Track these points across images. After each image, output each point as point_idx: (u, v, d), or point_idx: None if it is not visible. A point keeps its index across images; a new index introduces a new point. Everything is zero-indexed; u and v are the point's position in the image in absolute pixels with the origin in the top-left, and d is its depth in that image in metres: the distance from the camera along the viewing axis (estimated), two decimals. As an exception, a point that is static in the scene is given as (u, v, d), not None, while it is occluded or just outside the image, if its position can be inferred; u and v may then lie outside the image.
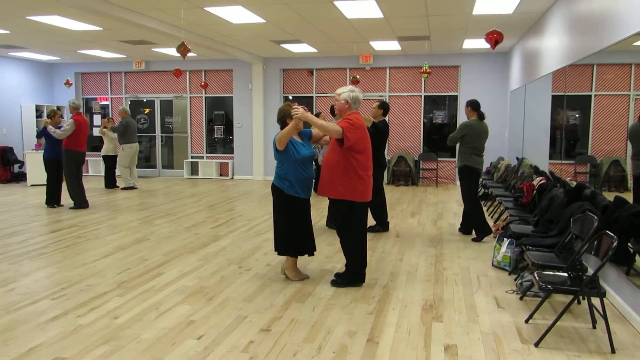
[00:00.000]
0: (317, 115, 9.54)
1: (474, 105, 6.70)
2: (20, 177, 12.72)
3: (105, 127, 11.41)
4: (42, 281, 4.81)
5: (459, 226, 7.04)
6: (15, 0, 7.12)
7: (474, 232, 6.65)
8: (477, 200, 6.61)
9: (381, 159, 6.63)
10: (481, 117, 6.73)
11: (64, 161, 8.58)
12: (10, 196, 10.31)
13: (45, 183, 8.98)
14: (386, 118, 6.98)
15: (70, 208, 8.68)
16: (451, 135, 6.72)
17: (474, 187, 6.58)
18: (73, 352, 3.31)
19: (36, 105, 13.54)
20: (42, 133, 8.89)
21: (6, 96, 12.99)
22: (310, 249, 4.81)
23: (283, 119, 4.62)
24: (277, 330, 3.67)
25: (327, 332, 3.65)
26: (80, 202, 8.71)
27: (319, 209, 8.45)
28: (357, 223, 4.63)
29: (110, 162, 11.53)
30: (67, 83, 13.01)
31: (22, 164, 12.89)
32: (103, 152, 11.55)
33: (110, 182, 11.52)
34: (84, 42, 10.63)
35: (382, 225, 7.00)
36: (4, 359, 3.22)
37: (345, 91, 4.60)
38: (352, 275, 4.68)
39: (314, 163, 4.94)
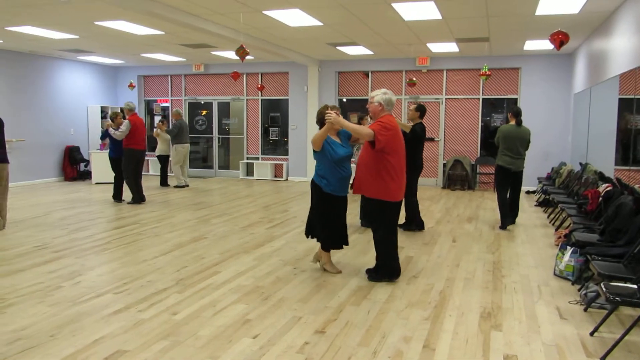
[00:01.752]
0: (361, 118, 9.61)
1: (513, 112, 7.57)
2: (86, 175, 13.32)
3: (159, 130, 11.80)
4: (105, 275, 5.01)
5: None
6: (85, 7, 7.46)
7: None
8: (502, 194, 7.49)
9: (417, 161, 6.88)
10: (519, 123, 7.47)
11: (124, 159, 9.17)
12: (76, 193, 10.81)
13: (113, 181, 9.61)
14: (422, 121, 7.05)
15: (128, 203, 9.25)
16: (495, 137, 7.63)
17: (501, 182, 7.48)
18: (134, 345, 3.42)
19: (101, 107, 14.15)
20: (105, 135, 9.74)
21: (74, 98, 13.64)
22: (339, 243, 5.07)
23: (321, 120, 4.86)
24: (332, 333, 3.66)
25: (382, 336, 3.61)
26: (137, 197, 9.28)
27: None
28: (388, 221, 4.79)
29: (164, 161, 11.96)
30: (131, 85, 13.52)
31: (87, 162, 13.51)
32: (157, 152, 11.96)
33: (164, 180, 11.98)
34: (147, 45, 11.03)
35: (416, 224, 7.11)
36: (71, 348, 3.37)
37: (379, 94, 4.73)
38: (385, 268, 4.85)
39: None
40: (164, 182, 11.99)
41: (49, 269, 5.20)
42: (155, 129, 12.04)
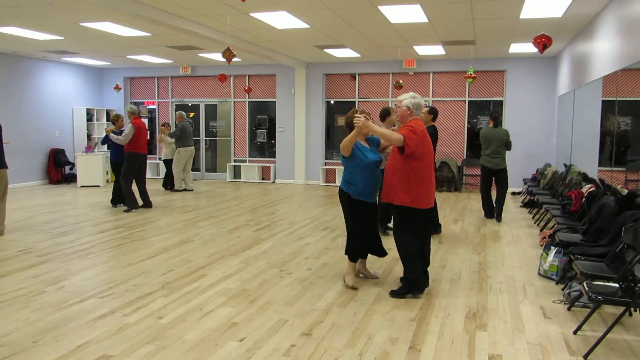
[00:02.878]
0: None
1: (492, 116, 8.37)
2: (71, 178, 13.21)
3: (162, 134, 11.71)
4: (90, 280, 4.97)
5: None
6: (70, 8, 7.40)
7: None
8: (483, 189, 8.44)
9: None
10: (496, 125, 8.28)
11: (127, 163, 8.87)
12: (62, 197, 10.71)
13: (113, 185, 9.37)
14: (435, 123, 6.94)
15: (124, 211, 8.88)
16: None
17: (483, 179, 8.35)
18: (119, 350, 3.40)
19: (87, 109, 14.03)
20: (105, 140, 9.43)
21: (59, 100, 13.51)
22: (371, 252, 4.95)
23: (350, 125, 4.66)
24: (319, 335, 3.67)
25: (368, 337, 3.63)
26: (132, 204, 8.94)
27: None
28: (415, 230, 4.53)
29: (169, 165, 11.83)
30: (117, 87, 13.43)
31: (72, 165, 13.39)
32: (163, 156, 11.90)
33: (170, 184, 11.79)
34: (133, 47, 10.97)
35: (434, 227, 7.02)
36: (55, 354, 3.34)
37: (407, 97, 4.56)
38: (410, 282, 4.55)
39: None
40: (169, 186, 11.79)
41: (33, 274, 5.14)
42: (158, 134, 11.94)
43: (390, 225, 7.06)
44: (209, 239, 6.76)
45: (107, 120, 14.78)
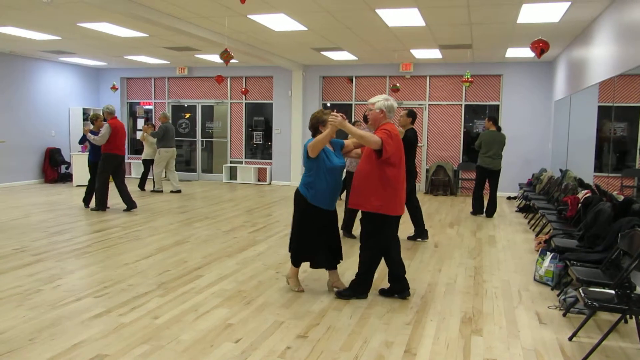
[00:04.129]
0: (354, 124, 9.35)
1: (493, 120, 9.01)
2: (67, 178, 13.16)
3: (145, 133, 11.65)
4: (86, 279, 4.96)
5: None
6: (67, 8, 7.39)
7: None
8: (479, 190, 9.08)
9: (412, 168, 6.77)
10: (498, 129, 8.92)
11: (102, 163, 8.67)
12: (57, 196, 10.66)
13: (87, 184, 9.23)
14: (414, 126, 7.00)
15: (92, 209, 8.81)
16: (476, 142, 9.04)
17: (481, 180, 9.02)
18: (114, 349, 3.39)
19: (83, 109, 13.99)
20: (83, 139, 9.25)
21: (56, 100, 13.47)
22: (319, 262, 4.68)
23: (315, 125, 4.48)
24: (314, 337, 3.67)
25: (364, 341, 3.63)
26: (102, 205, 8.78)
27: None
28: (385, 237, 4.45)
29: (148, 165, 11.80)
30: (113, 88, 13.40)
31: (68, 165, 13.34)
32: (143, 156, 11.83)
33: (142, 184, 11.72)
34: (130, 48, 10.95)
35: (422, 233, 6.99)
36: (50, 353, 3.33)
37: (380, 100, 4.43)
38: (363, 285, 4.52)
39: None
40: (142, 186, 11.74)
41: (28, 272, 5.12)
42: (140, 132, 11.88)
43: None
44: (205, 240, 6.75)
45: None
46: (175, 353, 3.37)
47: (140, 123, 14.83)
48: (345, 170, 6.91)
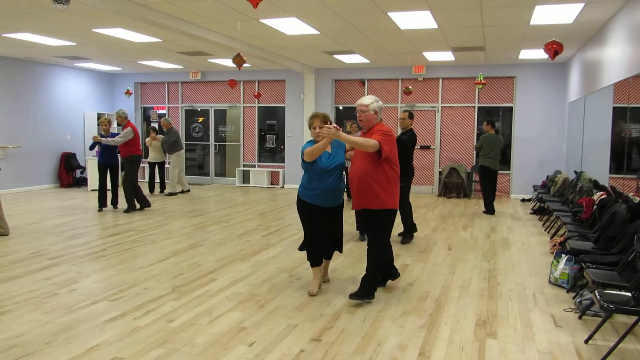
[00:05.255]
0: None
1: (492, 123, 9.68)
2: (82, 182, 13.30)
3: (153, 140, 11.76)
4: (101, 283, 5.01)
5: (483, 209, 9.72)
6: (82, 15, 7.48)
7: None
8: (487, 189, 9.57)
9: (409, 167, 6.90)
10: (496, 131, 9.69)
11: (130, 166, 9.15)
12: (73, 200, 10.78)
13: (98, 188, 9.35)
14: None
15: (124, 211, 9.11)
16: (475, 145, 10.08)
17: (489, 180, 9.50)
18: (130, 352, 3.42)
19: (98, 113, 14.12)
20: (93, 145, 9.27)
21: (71, 105, 13.64)
22: (319, 257, 4.80)
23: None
24: (328, 340, 3.67)
25: (377, 344, 3.62)
26: (133, 206, 9.21)
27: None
28: (390, 230, 4.66)
29: (154, 168, 12.03)
30: (128, 92, 13.54)
31: (83, 169, 13.49)
32: (149, 159, 11.96)
33: (152, 188, 12.02)
34: (144, 53, 11.05)
35: (410, 234, 7.04)
36: (66, 356, 3.36)
37: (373, 101, 4.51)
38: (373, 282, 4.57)
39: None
40: (153, 189, 11.99)
41: (45, 276, 5.19)
42: (147, 139, 11.90)
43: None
44: (219, 244, 6.78)
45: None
46: (190, 356, 3.39)
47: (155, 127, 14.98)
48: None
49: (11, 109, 11.94)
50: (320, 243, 4.71)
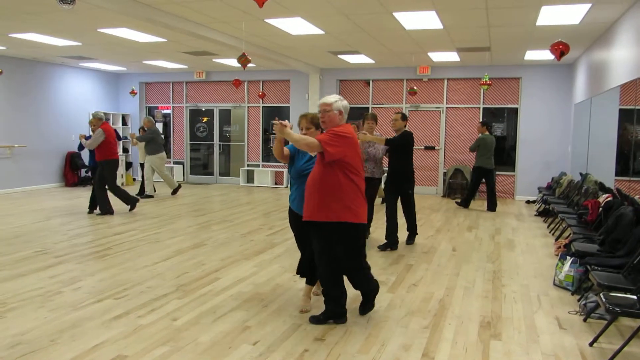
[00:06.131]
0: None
1: (488, 125, 10.41)
2: (87, 181, 13.33)
3: (134, 139, 11.40)
4: (106, 281, 5.02)
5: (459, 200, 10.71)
6: (88, 15, 7.51)
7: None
8: (476, 187, 10.48)
9: (408, 170, 6.61)
10: (490, 132, 10.39)
11: (107, 170, 8.68)
12: (77, 199, 10.82)
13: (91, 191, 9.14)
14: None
15: (97, 214, 8.76)
16: (471, 146, 10.42)
17: (479, 180, 10.27)
18: (134, 350, 3.43)
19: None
20: (81, 146, 9.28)
21: (76, 104, 13.68)
22: (304, 272, 4.38)
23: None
24: (331, 340, 3.67)
25: (381, 344, 3.62)
26: (107, 208, 8.79)
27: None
28: (354, 249, 3.97)
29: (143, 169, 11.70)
30: (132, 92, 13.58)
31: (88, 168, 13.51)
32: (140, 159, 11.65)
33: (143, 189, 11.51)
34: (149, 53, 11.08)
35: (394, 242, 6.59)
36: (71, 353, 3.37)
37: (337, 99, 3.98)
38: (338, 307, 4.00)
39: None
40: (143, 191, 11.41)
41: (50, 274, 5.20)
42: (133, 140, 11.56)
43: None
44: (223, 243, 6.79)
45: (123, 124, 14.93)
46: (194, 354, 3.39)
47: (159, 127, 15.04)
48: None
49: (17, 108, 11.99)
50: (304, 256, 4.37)
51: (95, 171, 8.99)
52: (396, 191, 6.68)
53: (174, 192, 11.42)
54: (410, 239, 6.98)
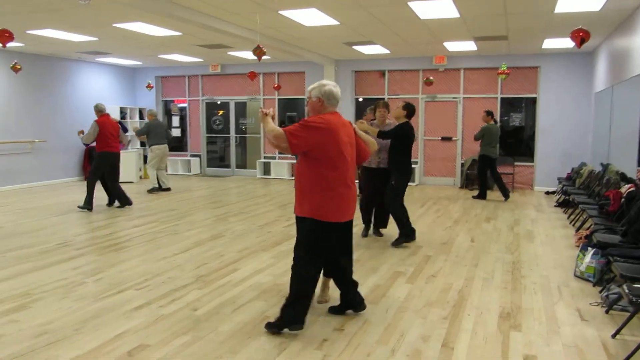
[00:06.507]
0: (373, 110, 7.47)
1: (491, 114, 10.31)
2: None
3: (134, 132, 11.47)
4: (126, 272, 5.08)
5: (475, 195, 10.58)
6: (104, 10, 7.56)
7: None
8: (485, 176, 10.42)
9: (407, 163, 6.25)
10: (495, 121, 10.41)
11: (96, 162, 8.69)
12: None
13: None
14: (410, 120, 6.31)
15: (78, 207, 8.69)
16: (476, 134, 10.38)
17: (485, 167, 10.29)
18: (156, 340, 3.48)
19: (120, 107, 14.29)
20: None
21: (93, 99, 13.74)
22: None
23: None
24: (350, 331, 3.67)
25: (400, 334, 3.62)
26: (89, 203, 8.65)
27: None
28: (321, 253, 3.68)
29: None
30: (149, 86, 13.66)
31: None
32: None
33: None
34: (164, 47, 11.13)
35: (406, 234, 6.26)
36: (95, 342, 3.43)
37: (315, 86, 3.77)
38: (288, 310, 3.64)
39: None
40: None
41: (73, 266, 5.29)
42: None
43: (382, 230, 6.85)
44: (240, 234, 6.83)
45: (140, 118, 15.04)
46: (214, 344, 3.43)
47: (176, 120, 15.15)
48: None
49: (37, 104, 12.15)
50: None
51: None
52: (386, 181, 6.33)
53: (151, 190, 10.94)
54: (378, 233, 6.76)
